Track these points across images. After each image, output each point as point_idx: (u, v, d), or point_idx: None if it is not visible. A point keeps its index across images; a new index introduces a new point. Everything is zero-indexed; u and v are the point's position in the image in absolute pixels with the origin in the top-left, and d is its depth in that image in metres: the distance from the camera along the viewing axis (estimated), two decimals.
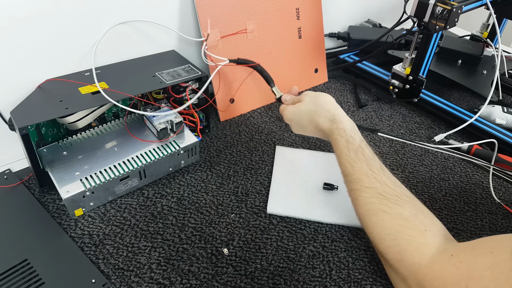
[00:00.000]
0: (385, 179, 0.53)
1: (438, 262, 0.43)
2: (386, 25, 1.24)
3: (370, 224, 0.51)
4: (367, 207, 0.51)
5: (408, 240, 0.46)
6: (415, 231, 0.47)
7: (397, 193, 0.51)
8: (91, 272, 0.56)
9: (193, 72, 0.75)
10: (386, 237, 0.48)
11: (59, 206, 0.66)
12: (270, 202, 0.68)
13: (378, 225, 0.50)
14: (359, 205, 0.53)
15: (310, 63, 1.02)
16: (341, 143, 0.58)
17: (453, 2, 0.79)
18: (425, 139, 0.87)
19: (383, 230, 0.49)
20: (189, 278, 0.57)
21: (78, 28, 0.70)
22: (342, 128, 0.59)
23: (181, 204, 0.68)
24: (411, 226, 0.47)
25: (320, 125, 0.62)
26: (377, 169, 0.54)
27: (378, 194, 0.51)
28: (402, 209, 0.49)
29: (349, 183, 0.56)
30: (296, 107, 0.67)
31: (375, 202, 0.51)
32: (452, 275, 0.40)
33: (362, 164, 0.55)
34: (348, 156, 0.56)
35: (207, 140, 0.83)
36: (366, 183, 0.53)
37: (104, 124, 0.74)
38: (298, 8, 0.95)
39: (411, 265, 0.45)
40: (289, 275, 0.58)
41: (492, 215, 0.70)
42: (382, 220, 0.50)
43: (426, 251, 0.44)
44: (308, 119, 0.64)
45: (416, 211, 0.50)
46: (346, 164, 0.56)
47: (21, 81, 0.68)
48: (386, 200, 0.50)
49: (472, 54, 1.06)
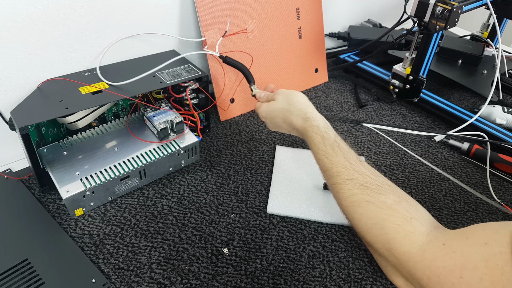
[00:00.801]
0: (364, 170, 0.53)
1: (430, 250, 0.42)
2: (386, 25, 1.24)
3: (355, 216, 0.50)
4: (350, 199, 0.51)
5: (395, 229, 0.46)
6: (401, 219, 0.46)
7: (378, 182, 0.51)
8: (91, 272, 0.56)
9: (193, 72, 0.75)
10: (373, 226, 0.48)
11: (60, 206, 0.66)
12: (270, 202, 0.68)
13: (364, 216, 0.49)
14: (341, 198, 0.53)
15: (310, 63, 1.02)
16: (316, 140, 0.58)
17: (453, 2, 0.79)
18: (425, 139, 0.87)
19: (369, 220, 0.49)
20: (189, 278, 0.57)
21: (78, 28, 0.70)
22: (315, 125, 0.60)
23: (181, 204, 0.68)
24: (396, 214, 0.47)
25: (294, 124, 0.63)
26: (355, 161, 0.55)
27: (360, 185, 0.51)
28: (385, 198, 0.49)
29: (329, 177, 0.55)
30: (269, 106, 0.67)
31: (357, 193, 0.51)
32: (445, 264, 0.40)
33: (340, 158, 0.55)
34: (324, 151, 0.57)
35: (207, 140, 0.83)
36: (346, 175, 0.53)
37: (104, 124, 0.75)
38: (298, 8, 0.95)
39: (401, 254, 0.44)
40: (289, 275, 0.58)
41: (492, 215, 0.70)
42: (366, 210, 0.49)
43: (415, 239, 0.44)
44: (282, 118, 0.65)
45: (399, 198, 0.49)
46: (324, 159, 0.56)
47: (21, 81, 0.68)
48: (368, 190, 0.50)
49: (473, 54, 1.06)
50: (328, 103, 0.97)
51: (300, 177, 0.74)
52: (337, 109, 0.96)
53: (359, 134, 0.87)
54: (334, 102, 0.98)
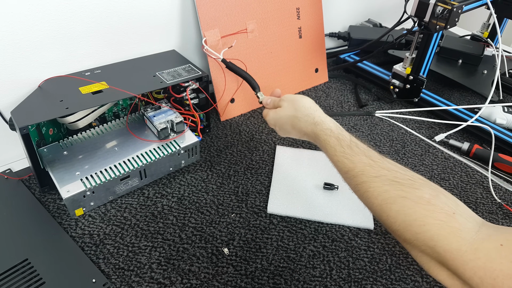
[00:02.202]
0: (390, 166, 0.50)
1: (484, 250, 0.40)
2: (386, 24, 1.24)
3: (391, 213, 0.47)
4: (382, 197, 0.48)
5: (439, 225, 0.43)
6: (443, 215, 0.44)
7: (409, 177, 0.48)
8: (91, 272, 0.56)
9: (194, 72, 0.75)
10: (412, 223, 0.45)
11: (60, 205, 0.66)
12: (270, 202, 0.68)
13: (401, 213, 0.46)
14: (371, 197, 0.49)
15: (311, 62, 1.02)
16: (331, 142, 0.56)
17: (454, 1, 0.79)
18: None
19: (407, 217, 0.45)
20: (190, 277, 0.57)
21: (78, 27, 0.70)
22: (327, 128, 0.58)
23: (182, 204, 0.68)
24: (437, 209, 0.44)
25: (303, 130, 0.61)
26: (378, 158, 0.52)
27: (390, 181, 0.48)
28: (422, 192, 0.46)
29: (353, 178, 0.52)
30: (276, 113, 0.65)
31: (389, 190, 0.47)
32: (503, 267, 0.37)
33: (361, 156, 0.52)
34: (343, 152, 0.54)
35: (207, 140, 0.83)
36: (372, 173, 0.50)
37: (104, 124, 0.74)
38: (299, 7, 0.95)
39: (447, 251, 0.42)
40: (289, 275, 0.58)
41: (492, 214, 0.70)
42: (403, 206, 0.46)
43: (463, 236, 0.41)
44: (290, 125, 0.63)
45: (436, 192, 0.46)
46: (343, 160, 0.54)
47: (22, 81, 0.68)
48: (401, 185, 0.47)
49: (473, 54, 1.06)
50: (328, 103, 0.97)
51: (300, 177, 0.74)
52: (337, 109, 0.96)
53: (358, 135, 0.87)
54: (334, 102, 0.98)
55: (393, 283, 0.58)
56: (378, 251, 0.62)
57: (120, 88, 0.67)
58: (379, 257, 0.61)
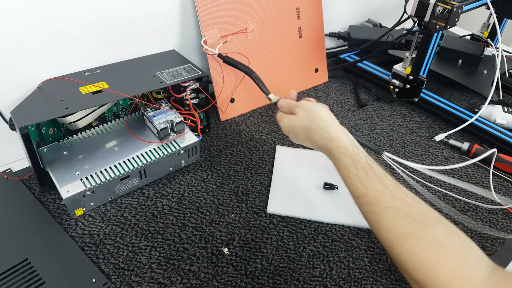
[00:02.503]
0: (404, 197, 0.49)
1: None
2: (386, 24, 1.24)
3: (401, 251, 0.45)
4: (394, 232, 0.46)
5: (451, 271, 0.42)
6: (455, 260, 0.42)
7: (423, 213, 0.47)
8: (91, 272, 0.56)
9: (194, 72, 0.75)
10: (422, 265, 0.43)
11: (60, 205, 0.66)
12: (270, 202, 0.68)
13: (411, 252, 0.44)
14: (383, 229, 0.48)
15: (311, 62, 1.02)
16: (346, 162, 0.53)
17: (454, 1, 0.79)
18: (425, 139, 0.87)
19: (418, 258, 0.44)
20: (190, 277, 0.57)
21: (78, 27, 0.70)
22: (343, 146, 0.55)
23: (182, 204, 0.68)
24: (450, 253, 0.43)
25: (317, 143, 0.59)
26: (393, 186, 0.50)
27: (404, 215, 0.46)
28: (435, 232, 0.45)
29: (365, 205, 0.50)
30: (291, 121, 0.62)
31: (402, 225, 0.46)
32: None
33: (375, 183, 0.50)
34: (357, 175, 0.52)
35: (207, 139, 0.83)
36: (386, 203, 0.48)
37: (104, 124, 0.75)
38: (299, 7, 0.95)
39: None
40: (289, 275, 0.58)
41: (492, 215, 0.70)
42: (414, 246, 0.44)
43: (475, 285, 0.41)
44: (304, 135, 0.61)
45: (450, 233, 0.45)
46: (356, 184, 0.51)
47: (22, 80, 0.68)
48: (415, 221, 0.46)
49: (473, 54, 1.06)
50: (328, 103, 0.97)
51: (300, 177, 0.74)
52: (337, 109, 0.96)
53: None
54: (334, 102, 0.98)
55: (393, 283, 0.58)
56: (378, 251, 0.62)
57: (120, 89, 0.67)
58: (379, 257, 0.62)
